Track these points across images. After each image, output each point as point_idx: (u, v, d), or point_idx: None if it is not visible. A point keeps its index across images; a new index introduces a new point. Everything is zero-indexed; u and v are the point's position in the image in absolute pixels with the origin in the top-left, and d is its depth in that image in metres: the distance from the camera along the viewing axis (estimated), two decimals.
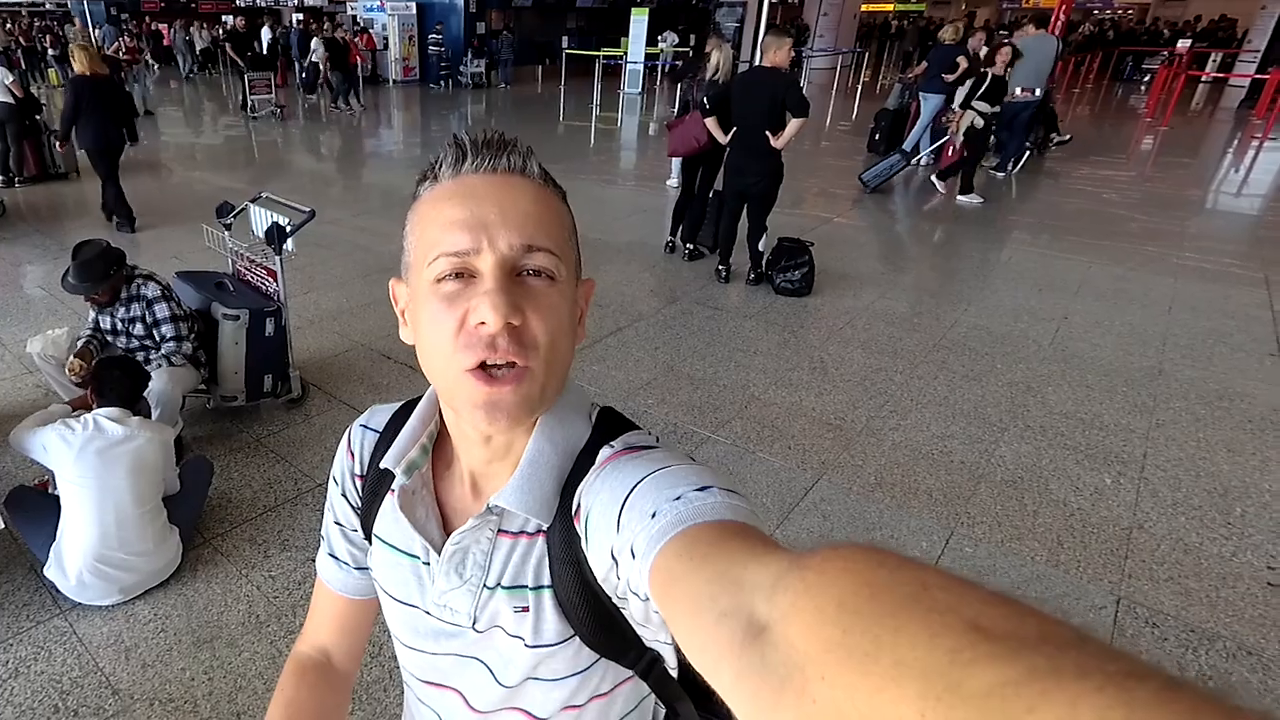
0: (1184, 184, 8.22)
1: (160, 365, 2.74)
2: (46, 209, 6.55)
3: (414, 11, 17.23)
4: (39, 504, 2.25)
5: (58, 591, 2.18)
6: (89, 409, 2.27)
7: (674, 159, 6.50)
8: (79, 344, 2.79)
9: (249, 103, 12.03)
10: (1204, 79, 17.54)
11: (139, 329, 2.81)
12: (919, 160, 7.84)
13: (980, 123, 6.82)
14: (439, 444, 0.66)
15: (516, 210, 0.53)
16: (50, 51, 16.35)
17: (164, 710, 1.89)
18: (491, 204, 0.53)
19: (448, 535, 0.62)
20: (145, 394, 2.60)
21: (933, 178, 7.52)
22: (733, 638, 0.31)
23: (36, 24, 18.43)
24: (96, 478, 2.09)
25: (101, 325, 2.85)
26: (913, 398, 3.53)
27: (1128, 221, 6.68)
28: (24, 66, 14.89)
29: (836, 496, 2.79)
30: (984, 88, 6.69)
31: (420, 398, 0.67)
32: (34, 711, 1.88)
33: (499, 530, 0.60)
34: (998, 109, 6.85)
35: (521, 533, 0.60)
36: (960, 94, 6.99)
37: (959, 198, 7.14)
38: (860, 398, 3.51)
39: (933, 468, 2.97)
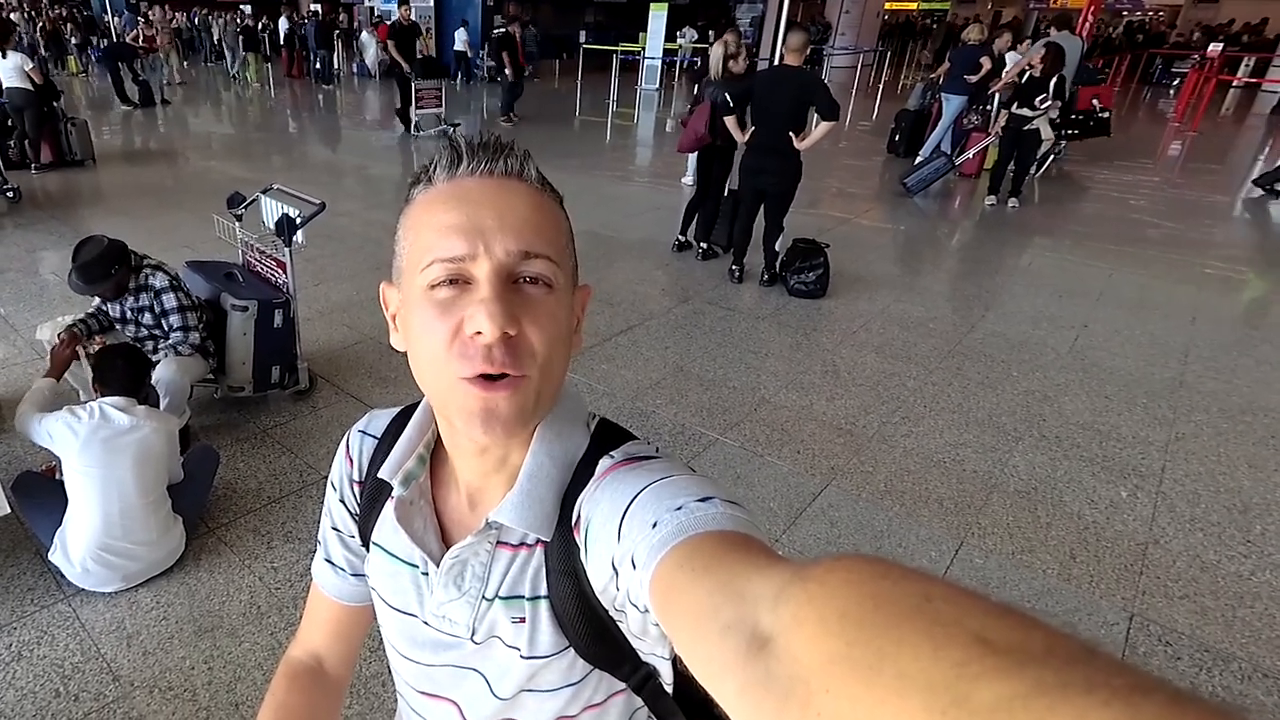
0: (1212, 191, 8.07)
1: (168, 354, 2.75)
2: (62, 196, 6.60)
3: (431, 4, 17.27)
4: (45, 489, 2.26)
5: (62, 577, 2.19)
6: (68, 366, 2.33)
7: (690, 156, 6.46)
8: (69, 319, 2.82)
9: (411, 119, 9.56)
10: (1235, 84, 17.20)
11: (148, 318, 2.81)
12: (961, 162, 7.70)
13: (1047, 130, 6.60)
14: (436, 452, 0.65)
15: (514, 215, 0.52)
16: (73, 40, 16.53)
17: (163, 697, 1.89)
18: (488, 209, 0.52)
19: (446, 546, 0.62)
20: (153, 382, 2.61)
21: (1007, 201, 7.08)
22: (736, 650, 0.31)
23: (58, 11, 18.60)
24: (102, 467, 2.09)
25: (111, 313, 2.86)
26: (926, 404, 3.47)
27: (1152, 228, 6.56)
28: (44, 53, 15.05)
29: (845, 503, 2.75)
30: (1047, 92, 6.36)
31: (418, 403, 0.66)
32: (35, 695, 1.89)
33: (498, 542, 0.59)
34: (1049, 113, 6.53)
35: (521, 545, 0.59)
36: (997, 98, 6.83)
37: (1011, 201, 6.95)
38: (872, 403, 3.47)
39: (944, 476, 2.92)
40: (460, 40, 15.65)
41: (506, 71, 10.32)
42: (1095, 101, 8.14)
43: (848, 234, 6.06)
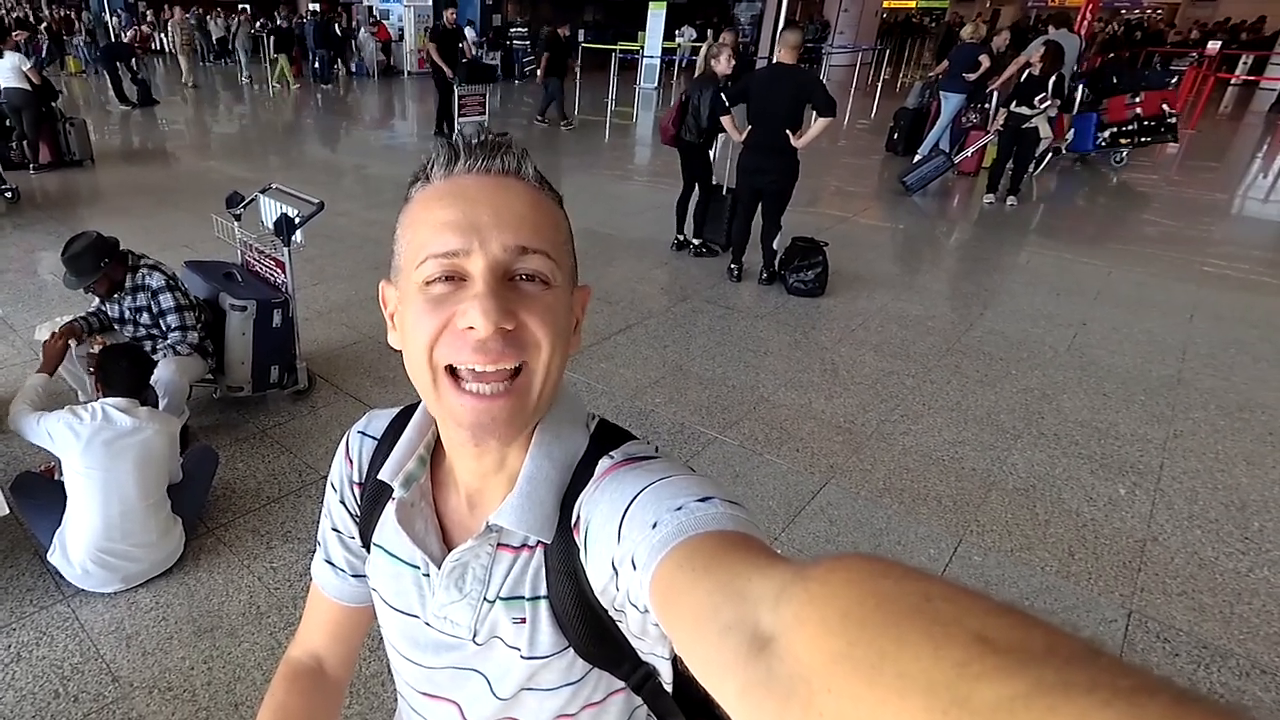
0: (1209, 189, 8.08)
1: (166, 354, 2.75)
2: (61, 196, 6.59)
3: (430, 2, 17.23)
4: (44, 490, 2.26)
5: (61, 578, 2.19)
6: (60, 360, 2.39)
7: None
8: (68, 319, 2.81)
9: (455, 127, 8.69)
10: (1233, 81, 17.20)
11: (145, 318, 2.81)
12: (960, 160, 7.69)
13: (1045, 129, 6.62)
14: (436, 452, 0.65)
15: (510, 212, 0.52)
16: (80, 40, 16.49)
17: (163, 698, 1.89)
18: (484, 205, 0.51)
19: (448, 547, 0.61)
20: (152, 382, 2.61)
21: (1005, 199, 7.04)
22: (737, 650, 0.31)
23: (59, 13, 18.51)
24: (103, 469, 2.09)
25: (110, 313, 2.86)
26: (925, 402, 3.48)
27: (1150, 226, 6.57)
28: (44, 53, 14.99)
29: (844, 501, 2.75)
30: (1046, 90, 6.32)
31: (418, 403, 0.66)
32: (35, 696, 1.89)
33: (499, 544, 0.59)
34: (1048, 111, 6.49)
35: (522, 546, 0.59)
36: (995, 96, 6.81)
37: (1010, 199, 6.93)
38: (871, 401, 3.47)
39: (943, 474, 2.92)
40: (468, 39, 15.61)
41: (574, 70, 10.19)
42: (1165, 106, 8.07)
43: (846, 232, 6.06)
